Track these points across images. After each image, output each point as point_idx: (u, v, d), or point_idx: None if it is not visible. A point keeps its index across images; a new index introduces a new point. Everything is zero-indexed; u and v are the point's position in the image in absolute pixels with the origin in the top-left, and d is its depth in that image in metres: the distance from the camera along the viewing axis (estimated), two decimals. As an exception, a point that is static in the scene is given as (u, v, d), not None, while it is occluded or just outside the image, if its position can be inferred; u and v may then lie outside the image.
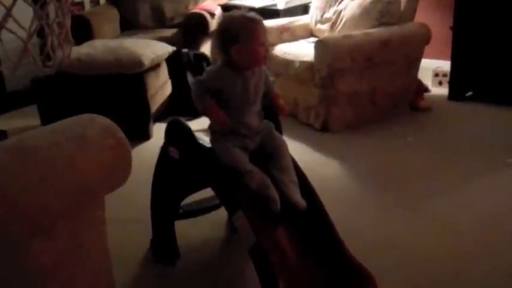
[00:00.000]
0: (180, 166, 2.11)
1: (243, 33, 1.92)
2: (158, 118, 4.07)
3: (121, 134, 1.60)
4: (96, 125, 1.57)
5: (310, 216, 2.03)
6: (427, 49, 4.49)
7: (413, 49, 4.32)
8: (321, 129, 4.01)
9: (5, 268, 1.33)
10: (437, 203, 2.84)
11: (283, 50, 4.35)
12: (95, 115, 1.62)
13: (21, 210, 1.29)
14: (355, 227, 2.48)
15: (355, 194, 3.01)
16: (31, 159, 1.35)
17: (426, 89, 4.74)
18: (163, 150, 2.18)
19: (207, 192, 2.28)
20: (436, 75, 5.25)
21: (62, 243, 1.52)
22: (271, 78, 2.13)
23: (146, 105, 3.78)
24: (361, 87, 4.06)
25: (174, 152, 2.09)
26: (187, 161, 2.07)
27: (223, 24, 2.01)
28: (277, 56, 4.35)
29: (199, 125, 3.21)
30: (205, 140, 2.12)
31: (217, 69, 2.02)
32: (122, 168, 1.59)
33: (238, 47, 1.93)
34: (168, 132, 2.15)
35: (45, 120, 3.79)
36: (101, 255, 1.73)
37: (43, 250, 1.45)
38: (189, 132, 2.03)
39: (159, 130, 3.87)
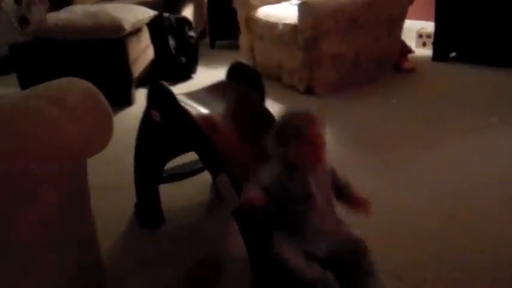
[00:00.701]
0: (162, 129, 2.09)
1: (295, 134, 1.69)
2: (141, 84, 4.03)
3: (101, 97, 1.58)
4: (76, 88, 1.54)
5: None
6: (411, 10, 4.47)
7: (396, 9, 4.31)
8: (305, 91, 4.00)
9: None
10: (421, 163, 2.85)
11: (266, 12, 4.31)
12: (75, 78, 1.60)
13: (3, 176, 1.27)
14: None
15: (339, 155, 3.00)
16: (11, 123, 1.33)
17: (410, 50, 4.73)
18: (146, 113, 2.15)
19: (192, 156, 2.28)
20: (420, 36, 5.25)
21: (45, 209, 1.50)
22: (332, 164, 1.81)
23: (128, 70, 3.74)
24: (345, 49, 4.04)
25: (156, 115, 2.07)
26: (169, 124, 2.05)
27: (278, 125, 1.76)
28: (260, 19, 4.31)
29: (182, 90, 3.17)
30: (187, 102, 2.09)
31: (276, 172, 1.72)
32: (104, 131, 1.57)
33: (292, 148, 1.69)
34: (149, 95, 2.12)
35: (25, 88, 3.73)
36: (86, 221, 1.71)
37: (27, 217, 1.44)
38: (170, 95, 2.00)
39: (141, 96, 3.84)
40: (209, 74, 4.65)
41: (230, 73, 2.39)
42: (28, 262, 1.46)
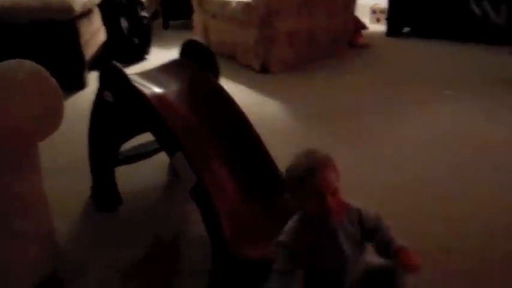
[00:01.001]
0: (116, 110, 2.05)
1: (300, 187, 1.47)
2: (93, 66, 3.96)
3: (50, 78, 1.55)
4: (25, 69, 1.51)
5: (252, 156, 2.02)
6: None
7: (350, -15, 4.31)
8: (261, 70, 3.99)
9: None
10: (378, 137, 2.88)
11: (219, -10, 4.27)
12: (23, 60, 1.57)
13: None
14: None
15: (296, 132, 3.01)
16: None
17: (364, 26, 4.76)
18: (98, 94, 2.11)
19: (148, 137, 2.25)
20: (374, 12, 5.29)
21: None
22: (373, 212, 1.53)
23: (80, 53, 3.66)
24: (300, 26, 4.04)
25: (108, 96, 2.03)
26: (122, 105, 2.01)
27: (286, 175, 1.54)
28: (213, -3, 4.27)
29: (136, 71, 3.13)
30: (140, 82, 2.06)
31: (295, 226, 1.52)
32: (54, 112, 1.55)
33: (299, 201, 1.49)
34: (101, 76, 2.07)
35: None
36: (39, 204, 1.69)
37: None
38: (123, 75, 1.96)
39: (94, 78, 3.77)
40: (163, 55, 4.59)
41: (183, 51, 2.36)
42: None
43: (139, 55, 4.41)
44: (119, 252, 2.00)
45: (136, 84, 2.00)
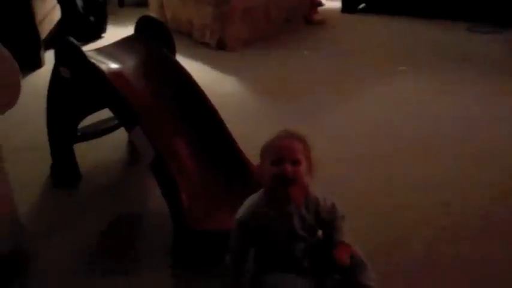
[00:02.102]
0: (73, 87, 2.06)
1: (265, 152, 1.49)
2: (49, 45, 3.92)
3: (6, 52, 1.55)
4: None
5: (210, 130, 2.06)
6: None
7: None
8: (217, 47, 4.00)
9: None
10: (333, 113, 2.94)
11: (174, -33, 4.26)
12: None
13: None
14: (253, 140, 2.52)
15: (253, 109, 3.05)
16: None
17: (320, 3, 4.80)
18: (54, 71, 2.11)
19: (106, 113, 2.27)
20: (329, -12, 5.32)
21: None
22: (340, 213, 1.53)
23: (35, 31, 3.61)
24: (255, 2, 4.07)
25: (65, 72, 2.03)
26: (79, 81, 2.02)
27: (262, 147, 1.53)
28: (168, -26, 4.25)
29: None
30: (96, 58, 2.07)
31: (254, 203, 1.52)
32: (11, 87, 1.54)
33: (263, 169, 1.49)
34: (57, 52, 2.07)
35: None
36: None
37: None
38: (79, 51, 1.97)
39: (50, 57, 3.74)
40: (119, 33, 4.50)
41: (138, 27, 2.37)
42: None
43: (95, 33, 4.37)
44: (81, 229, 2.02)
45: (92, 60, 2.01)
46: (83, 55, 1.96)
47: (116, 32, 4.59)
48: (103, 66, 2.02)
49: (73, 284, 1.75)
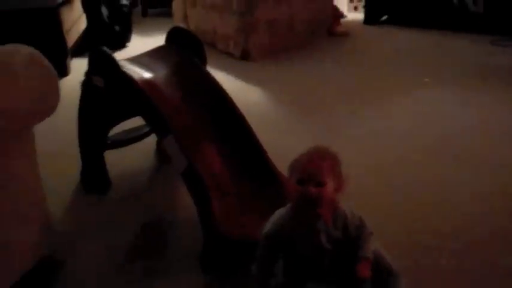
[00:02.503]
0: (106, 95, 2.09)
1: (291, 171, 1.47)
2: (74, 53, 3.98)
3: (46, 62, 1.58)
4: (21, 53, 1.53)
5: (240, 139, 2.07)
6: (342, -25, 4.56)
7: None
8: (241, 57, 4.03)
9: None
10: (359, 124, 2.94)
11: (200, -22, 4.30)
12: (19, 44, 1.59)
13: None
14: (278, 150, 2.54)
15: (279, 119, 3.06)
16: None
17: (342, 15, 4.82)
18: (87, 79, 2.14)
19: (136, 122, 2.30)
20: (351, 0, 5.34)
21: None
22: (368, 230, 1.51)
23: (62, 40, 3.68)
24: (279, 14, 4.09)
25: (98, 81, 2.06)
26: (112, 89, 2.05)
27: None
28: (193, -15, 4.30)
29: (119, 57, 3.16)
30: (129, 67, 2.09)
31: (281, 217, 1.51)
32: (51, 96, 1.58)
33: (289, 187, 1.49)
34: (91, 61, 2.10)
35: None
36: (34, 187, 1.72)
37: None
38: (112, 60, 2.00)
39: (76, 65, 3.81)
40: (143, 42, 4.62)
41: (169, 38, 2.39)
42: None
43: (120, 42, 4.43)
44: (109, 236, 2.04)
45: (125, 69, 2.04)
46: (116, 64, 1.99)
47: (140, 41, 4.66)
48: (136, 76, 2.04)
49: (105, 289, 1.78)
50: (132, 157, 2.57)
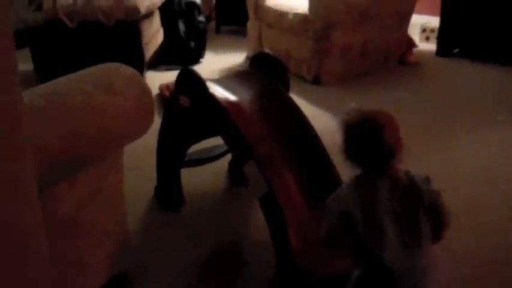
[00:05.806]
0: (191, 115, 2.12)
1: (368, 139, 1.57)
2: (149, 67, 4.06)
3: (145, 83, 1.62)
4: (121, 73, 1.59)
5: (318, 166, 2.08)
6: (416, 4, 4.51)
7: (405, 3, 4.35)
8: (313, 81, 4.04)
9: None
10: (428, 159, 2.89)
11: (277, 1, 4.33)
12: (119, 64, 1.65)
13: (52, 154, 1.31)
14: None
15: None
16: (64, 106, 1.37)
17: (414, 44, 4.78)
18: (173, 98, 2.18)
19: (211, 142, 2.33)
20: (424, 30, 5.29)
21: (84, 189, 1.54)
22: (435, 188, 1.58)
23: (141, 53, 3.76)
24: (354, 40, 4.08)
25: (184, 101, 2.10)
26: (197, 109, 2.08)
27: (345, 133, 1.60)
28: (270, 7, 4.33)
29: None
30: (215, 89, 2.12)
31: (348, 189, 1.56)
32: (146, 116, 1.61)
33: (367, 158, 1.57)
34: (179, 81, 2.14)
35: (39, 65, 3.75)
36: (118, 203, 1.76)
37: (67, 195, 1.48)
38: (200, 81, 2.03)
39: (150, 78, 3.88)
40: (216, 59, 4.68)
41: (254, 62, 2.42)
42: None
43: (194, 58, 4.50)
44: (182, 254, 2.08)
45: (212, 90, 2.07)
46: (205, 86, 2.02)
47: (213, 58, 4.72)
48: (223, 98, 2.07)
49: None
50: (204, 176, 2.60)
